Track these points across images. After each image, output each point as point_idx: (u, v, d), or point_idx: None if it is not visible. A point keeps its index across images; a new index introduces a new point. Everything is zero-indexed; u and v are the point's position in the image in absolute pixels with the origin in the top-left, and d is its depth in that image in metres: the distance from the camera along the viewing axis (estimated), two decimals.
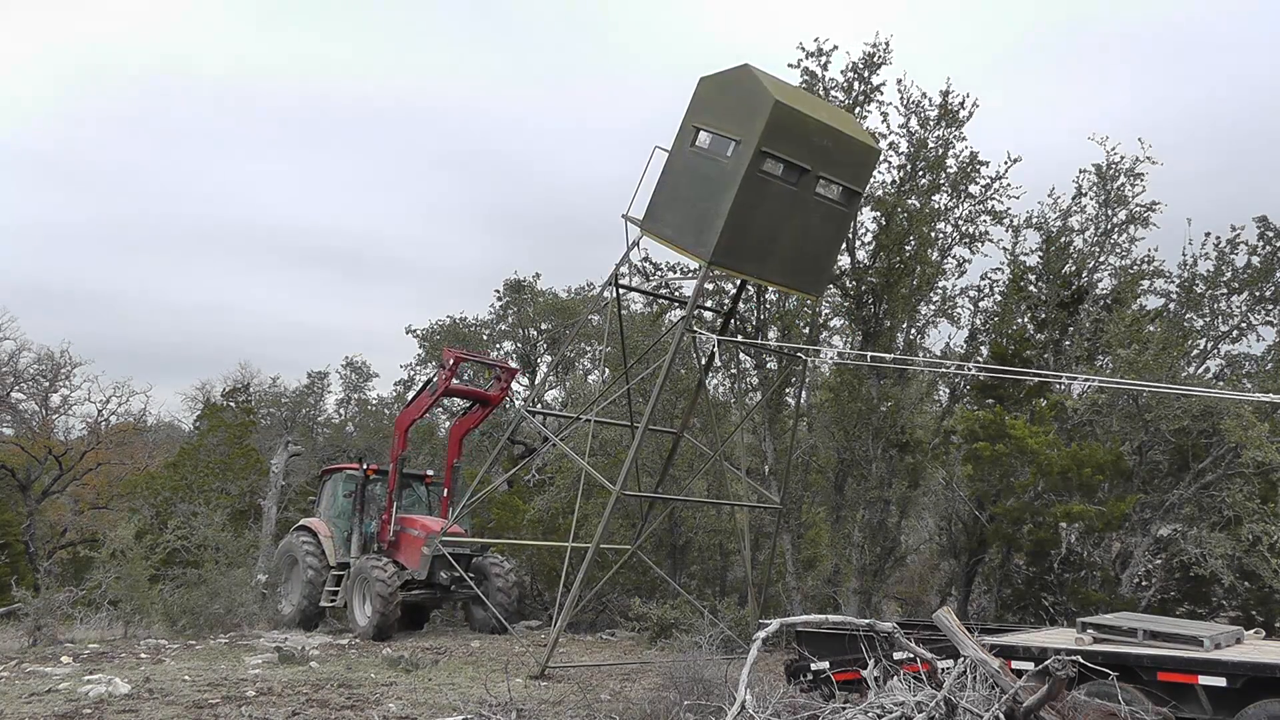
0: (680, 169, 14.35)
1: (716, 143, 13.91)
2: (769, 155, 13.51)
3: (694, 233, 13.99)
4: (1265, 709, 8.04)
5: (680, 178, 14.34)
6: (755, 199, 13.67)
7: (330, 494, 20.00)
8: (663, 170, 14.54)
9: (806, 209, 14.26)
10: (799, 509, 19.42)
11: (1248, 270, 15.83)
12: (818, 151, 13.96)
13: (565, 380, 30.43)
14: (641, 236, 14.88)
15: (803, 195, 14.09)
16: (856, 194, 14.86)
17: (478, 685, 11.89)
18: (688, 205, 14.15)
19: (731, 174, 13.56)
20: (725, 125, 13.81)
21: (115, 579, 17.49)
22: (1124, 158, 17.22)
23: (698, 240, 13.92)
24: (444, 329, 32.61)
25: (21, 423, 32.95)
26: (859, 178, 14.74)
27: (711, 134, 13.96)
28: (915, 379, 18.30)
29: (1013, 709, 7.41)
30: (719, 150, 13.85)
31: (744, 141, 13.49)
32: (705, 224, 13.79)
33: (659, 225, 14.57)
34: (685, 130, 14.35)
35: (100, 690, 10.87)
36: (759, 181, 13.57)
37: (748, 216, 13.70)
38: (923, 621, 10.73)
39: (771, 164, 13.60)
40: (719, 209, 13.58)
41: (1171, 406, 15.01)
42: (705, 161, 14.04)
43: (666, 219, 14.46)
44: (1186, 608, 15.48)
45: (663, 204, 14.51)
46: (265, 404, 38.83)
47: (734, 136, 13.64)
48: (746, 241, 13.90)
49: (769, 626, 8.40)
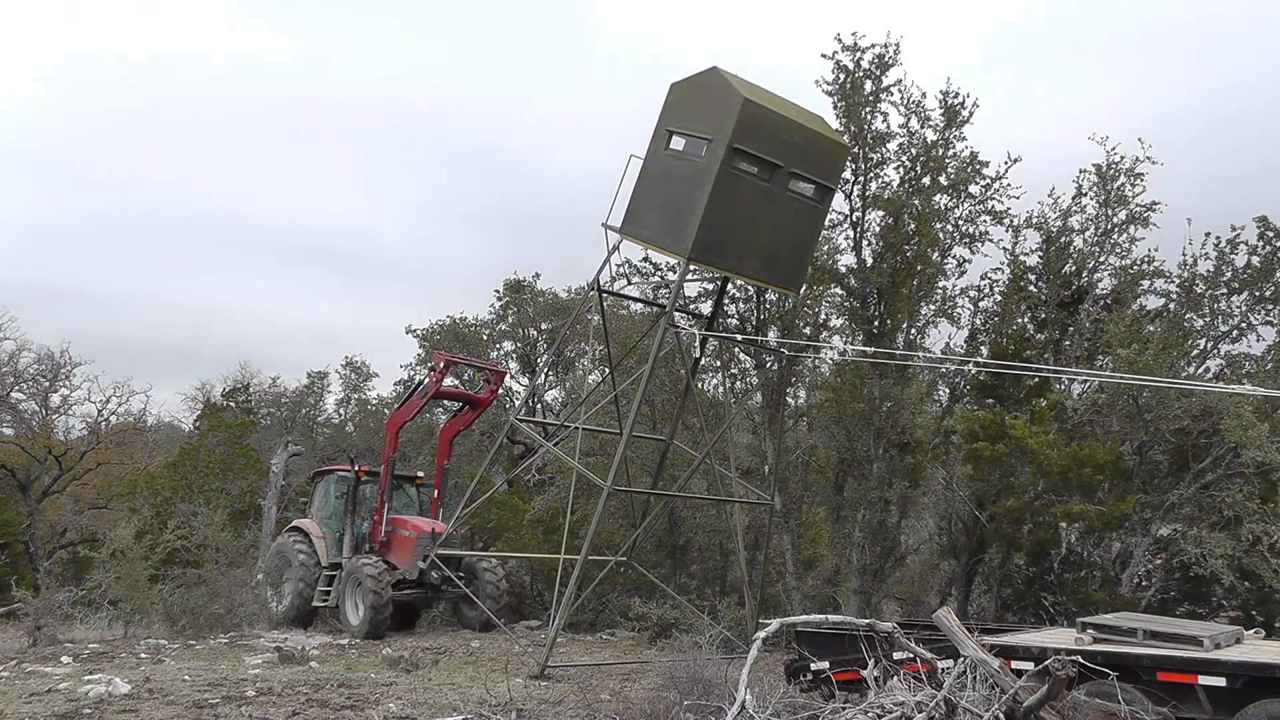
0: (656, 173, 14.75)
1: (690, 144, 14.35)
2: (741, 152, 13.92)
3: (672, 231, 14.38)
4: (1265, 709, 8.04)
5: (656, 181, 14.72)
6: (730, 195, 14.07)
7: (322, 495, 20.22)
8: (639, 176, 14.91)
9: (781, 205, 14.70)
10: (799, 509, 19.42)
11: (1248, 270, 15.82)
12: (789, 148, 14.43)
13: (565, 380, 30.44)
14: (621, 241, 15.19)
15: (776, 192, 14.55)
16: (829, 190, 15.37)
17: (478, 685, 11.90)
18: (665, 206, 14.54)
19: (705, 172, 13.96)
20: (697, 126, 14.25)
21: (115, 579, 17.49)
22: (1124, 158, 17.24)
23: (676, 238, 14.31)
24: (444, 329, 32.58)
25: (21, 423, 32.93)
26: (830, 174, 15.28)
27: (684, 136, 14.43)
28: (916, 379, 18.30)
29: (1013, 709, 7.42)
30: (693, 151, 14.28)
31: (716, 140, 13.92)
32: (682, 221, 14.17)
33: (637, 228, 14.94)
34: (659, 135, 14.79)
35: (100, 690, 10.87)
36: (733, 178, 14.00)
37: (723, 213, 14.10)
38: (923, 621, 10.75)
39: (744, 161, 14.02)
40: (695, 206, 13.98)
41: (1171, 406, 15.01)
42: (680, 163, 14.45)
43: (645, 221, 14.83)
44: (1186, 608, 15.47)
45: (640, 208, 14.88)
46: (265, 404, 38.84)
47: (706, 136, 14.07)
48: (723, 237, 14.29)
49: (769, 626, 8.41)
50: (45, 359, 33.66)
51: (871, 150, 17.63)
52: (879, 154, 17.68)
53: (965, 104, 17.47)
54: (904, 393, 17.64)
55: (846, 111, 17.46)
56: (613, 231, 15.11)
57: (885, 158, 17.73)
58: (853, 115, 17.42)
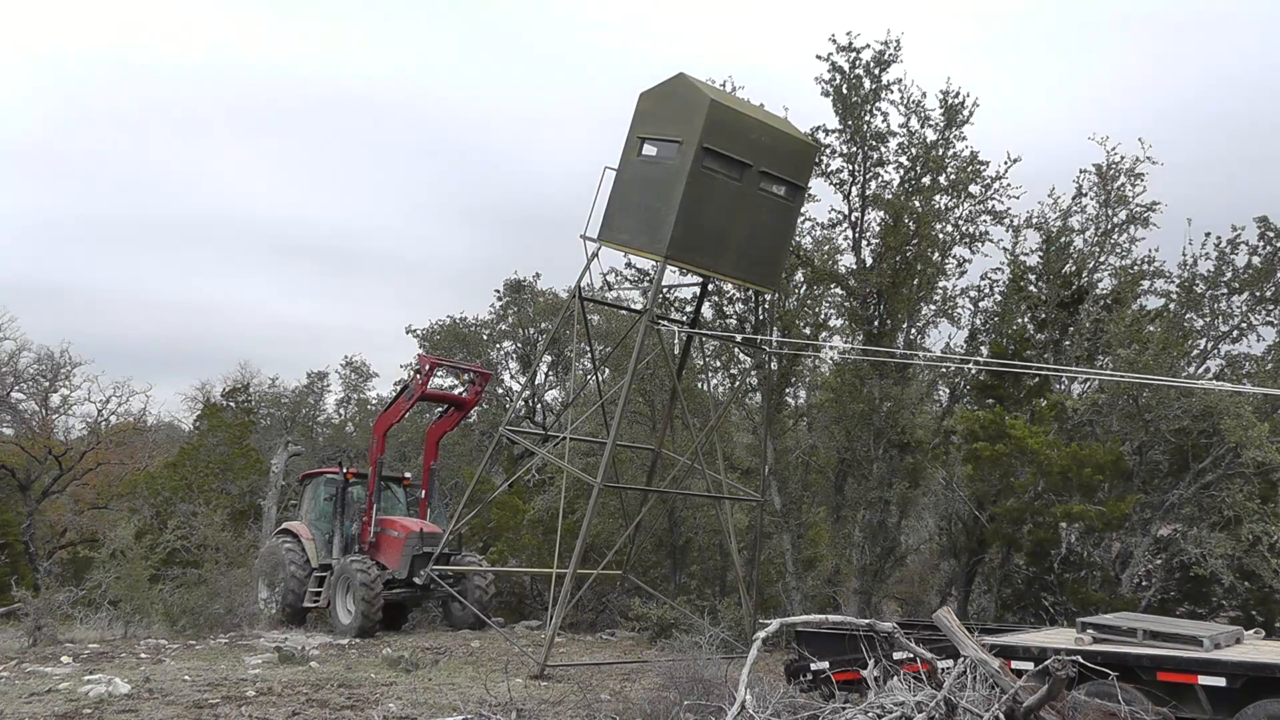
0: (629, 179, 15.11)
1: (661, 148, 14.79)
2: (711, 152, 14.33)
3: (648, 233, 14.75)
4: (1265, 709, 8.05)
5: (630, 187, 15.09)
6: (703, 195, 14.46)
7: (311, 497, 20.48)
8: (614, 184, 15.23)
9: (754, 205, 15.12)
10: (799, 509, 19.43)
11: (1248, 270, 15.82)
12: (757, 148, 14.88)
13: (565, 380, 30.41)
14: (600, 249, 15.44)
15: (748, 191, 14.96)
16: (800, 189, 15.82)
17: (478, 685, 11.90)
18: (640, 210, 14.91)
19: (678, 173, 14.37)
20: (667, 130, 14.70)
21: (115, 579, 17.50)
22: (1124, 158, 17.23)
23: (652, 239, 14.67)
24: (444, 329, 32.57)
25: (21, 423, 32.93)
26: (800, 173, 15.69)
27: (655, 142, 14.85)
28: (915, 379, 18.32)
29: (1013, 709, 7.42)
30: (665, 155, 14.71)
31: (686, 142, 14.36)
32: (658, 222, 14.56)
33: (615, 233, 15.27)
34: (631, 143, 15.18)
35: (100, 690, 10.87)
36: (705, 178, 14.41)
37: (697, 212, 14.50)
38: (923, 621, 10.75)
39: (715, 161, 14.43)
40: (670, 207, 14.37)
41: (1171, 406, 15.01)
42: (653, 167, 14.85)
43: (622, 226, 15.18)
44: (1186, 608, 15.47)
45: (616, 214, 15.22)
46: (265, 404, 38.81)
47: (676, 139, 14.53)
48: (698, 236, 14.68)
49: (769, 626, 8.41)
50: (45, 359, 33.67)
51: (871, 150, 17.64)
52: (878, 153, 17.70)
53: (965, 103, 17.49)
54: (904, 393, 17.64)
55: (844, 111, 17.48)
56: (590, 242, 15.40)
57: (884, 158, 17.75)
58: (850, 115, 17.43)
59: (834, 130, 17.64)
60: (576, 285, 16.46)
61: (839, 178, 17.86)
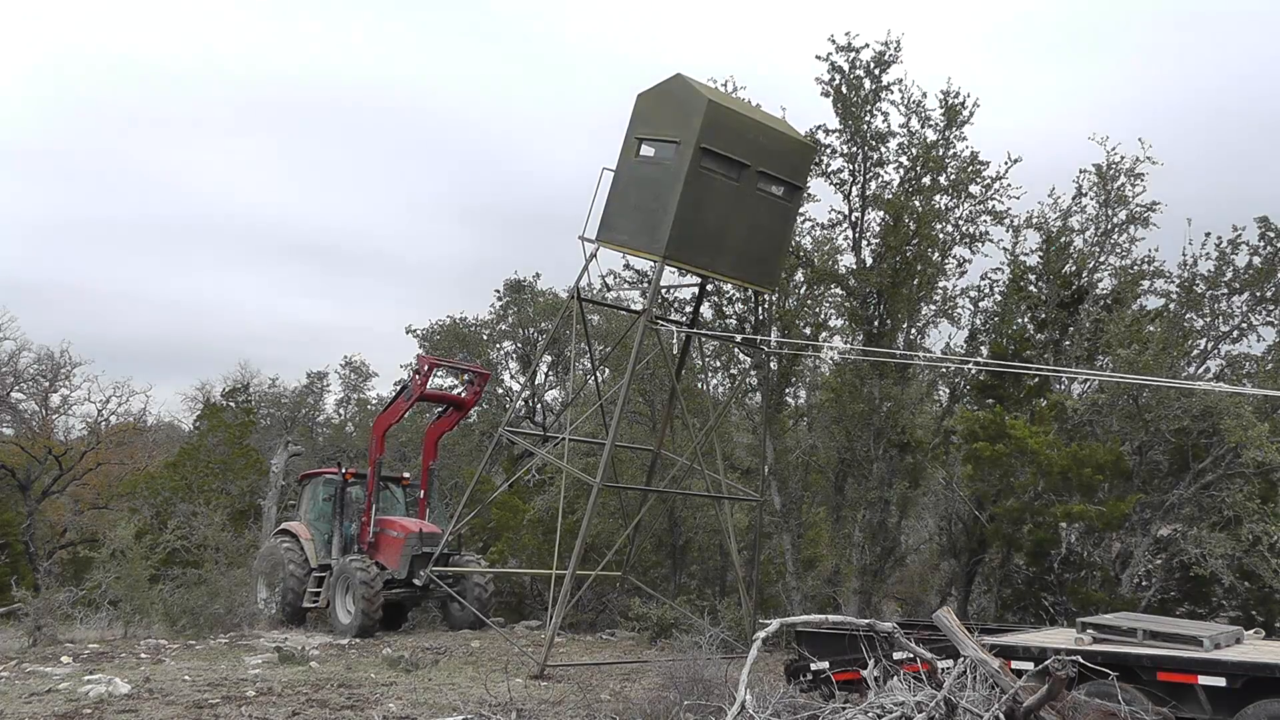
0: (627, 180, 15.15)
1: (659, 149, 14.83)
2: (709, 152, 14.37)
3: (646, 233, 14.79)
4: (1265, 709, 8.04)
5: (628, 188, 15.12)
6: (700, 195, 14.49)
7: (310, 498, 20.49)
8: (611, 185, 15.27)
9: (751, 205, 15.16)
10: (799, 509, 19.43)
11: (1249, 270, 15.81)
12: (755, 148, 14.93)
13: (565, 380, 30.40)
14: (598, 250, 15.47)
15: (746, 191, 15.00)
16: (798, 189, 15.88)
17: (478, 685, 11.90)
18: (638, 210, 14.94)
19: (675, 173, 14.39)
20: (665, 131, 14.73)
21: (115, 579, 17.51)
22: (1124, 158, 17.23)
23: (650, 240, 14.71)
24: (444, 329, 32.57)
25: (21, 423, 32.91)
26: (797, 173, 15.76)
27: (653, 143, 14.88)
28: (915, 379, 18.32)
29: (1013, 709, 7.42)
30: (662, 155, 14.75)
31: (684, 142, 14.39)
32: (656, 222, 14.59)
33: (613, 234, 15.30)
34: (628, 145, 15.22)
35: (100, 690, 10.88)
36: (703, 178, 14.44)
37: (695, 212, 14.53)
38: (923, 621, 10.74)
39: (712, 161, 14.46)
40: (667, 207, 14.41)
41: (1171, 406, 15.01)
42: (650, 168, 14.89)
43: (620, 227, 15.22)
44: (1186, 608, 15.47)
45: (615, 215, 15.26)
46: (265, 404, 38.80)
47: (674, 139, 14.55)
48: (696, 236, 14.72)
49: (769, 626, 8.41)
50: (45, 359, 33.64)
51: (871, 150, 17.64)
52: (878, 153, 17.69)
53: (965, 103, 17.48)
54: (904, 393, 17.64)
55: (844, 111, 17.48)
56: (589, 243, 15.43)
57: (884, 158, 17.74)
58: (850, 115, 17.42)
59: (834, 130, 17.65)
60: (575, 286, 16.54)
61: (839, 178, 17.87)
